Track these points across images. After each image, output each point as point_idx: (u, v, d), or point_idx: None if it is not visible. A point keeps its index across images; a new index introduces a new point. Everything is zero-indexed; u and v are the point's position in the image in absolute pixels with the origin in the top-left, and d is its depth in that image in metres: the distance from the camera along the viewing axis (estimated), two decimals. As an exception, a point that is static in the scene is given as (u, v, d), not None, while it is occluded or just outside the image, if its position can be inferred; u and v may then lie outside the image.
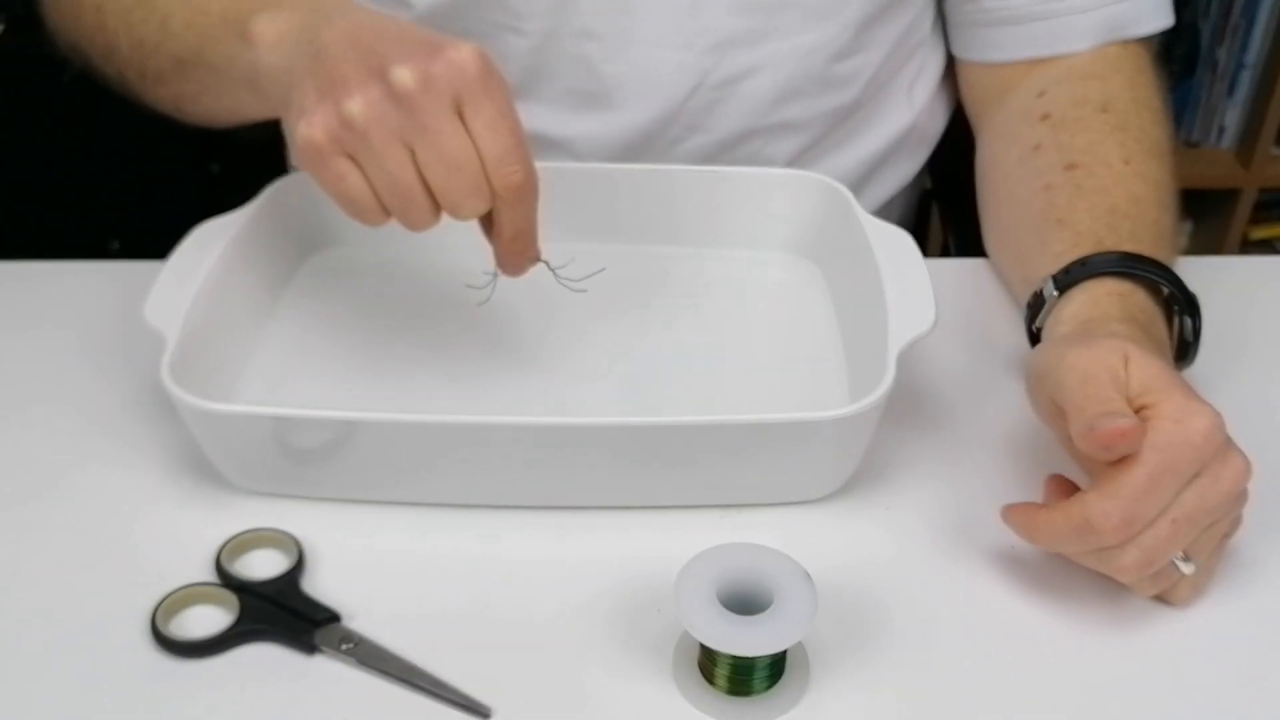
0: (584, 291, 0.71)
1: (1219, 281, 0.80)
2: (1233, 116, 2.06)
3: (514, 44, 0.84)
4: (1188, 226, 2.18)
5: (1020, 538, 0.60)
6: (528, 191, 0.61)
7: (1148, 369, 0.58)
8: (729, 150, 0.88)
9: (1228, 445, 0.57)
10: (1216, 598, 0.61)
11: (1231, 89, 2.03)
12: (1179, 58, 1.98)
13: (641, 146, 0.85)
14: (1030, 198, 0.76)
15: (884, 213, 0.97)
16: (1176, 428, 0.55)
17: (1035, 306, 0.69)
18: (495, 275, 0.68)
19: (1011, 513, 0.60)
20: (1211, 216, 2.14)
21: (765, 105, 0.86)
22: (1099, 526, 0.55)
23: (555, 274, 0.70)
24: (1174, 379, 0.58)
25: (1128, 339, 0.61)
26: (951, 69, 0.92)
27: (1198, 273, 0.71)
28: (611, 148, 0.86)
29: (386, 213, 0.61)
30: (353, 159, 0.60)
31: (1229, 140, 2.08)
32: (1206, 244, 2.16)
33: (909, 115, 0.92)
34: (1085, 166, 0.75)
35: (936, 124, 0.95)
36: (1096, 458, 0.56)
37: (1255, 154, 2.02)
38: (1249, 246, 2.16)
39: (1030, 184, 0.77)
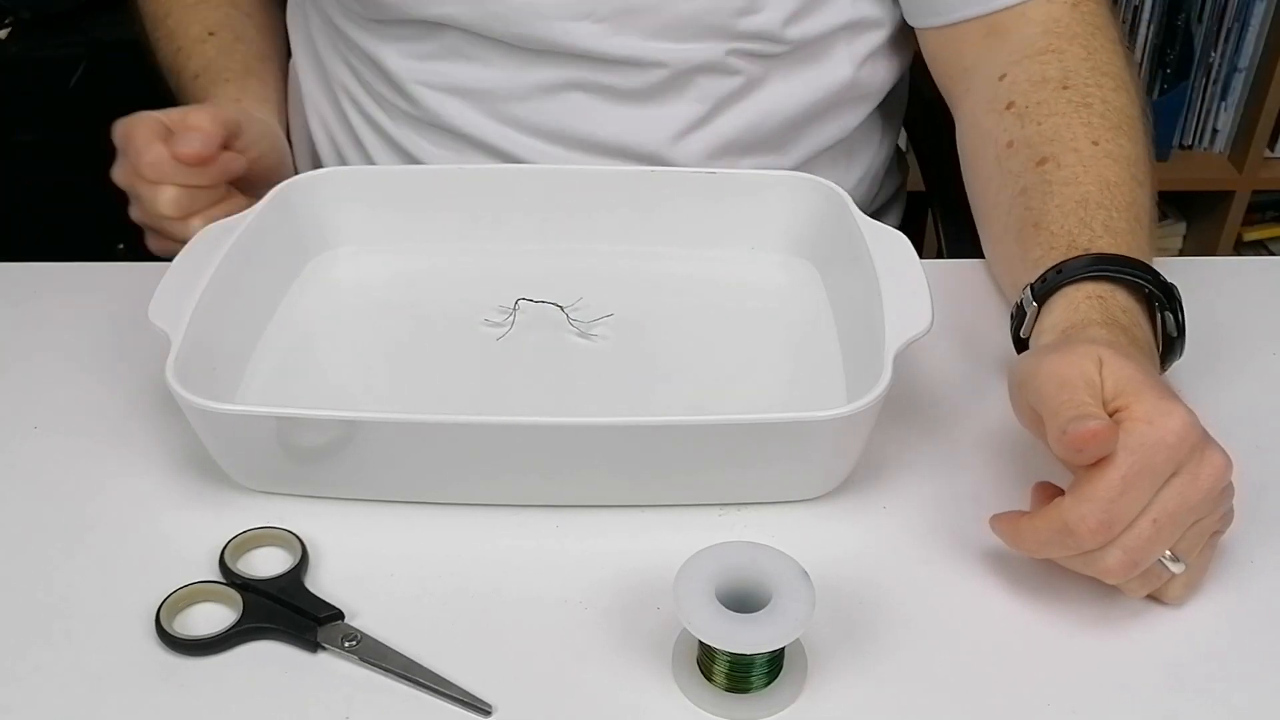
0: (595, 336, 0.74)
1: (1213, 282, 0.81)
2: (1226, 119, 2.07)
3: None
4: (1181, 228, 2.18)
5: (1008, 546, 0.61)
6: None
7: (1121, 372, 0.58)
8: (662, 88, 0.86)
9: (1205, 442, 0.57)
10: (1210, 595, 0.61)
11: (1225, 92, 2.04)
12: (1173, 61, 1.99)
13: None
14: (1010, 204, 0.76)
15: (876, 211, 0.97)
16: (1149, 428, 0.56)
17: (1018, 318, 0.69)
18: (513, 311, 0.74)
19: (997, 521, 0.61)
20: (1205, 218, 2.15)
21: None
22: (1076, 530, 0.56)
23: (568, 316, 0.75)
24: (1147, 380, 0.58)
25: (1105, 343, 0.61)
26: (902, 34, 0.91)
27: (1191, 273, 0.71)
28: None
29: None
30: None
31: (1222, 143, 2.08)
32: (1200, 245, 2.16)
33: (848, 68, 0.90)
34: (1054, 158, 0.74)
35: (878, 79, 0.93)
36: (1073, 461, 0.57)
37: (1248, 156, 2.02)
38: (1242, 248, 2.17)
39: (1009, 188, 0.76)
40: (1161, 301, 0.67)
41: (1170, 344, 0.69)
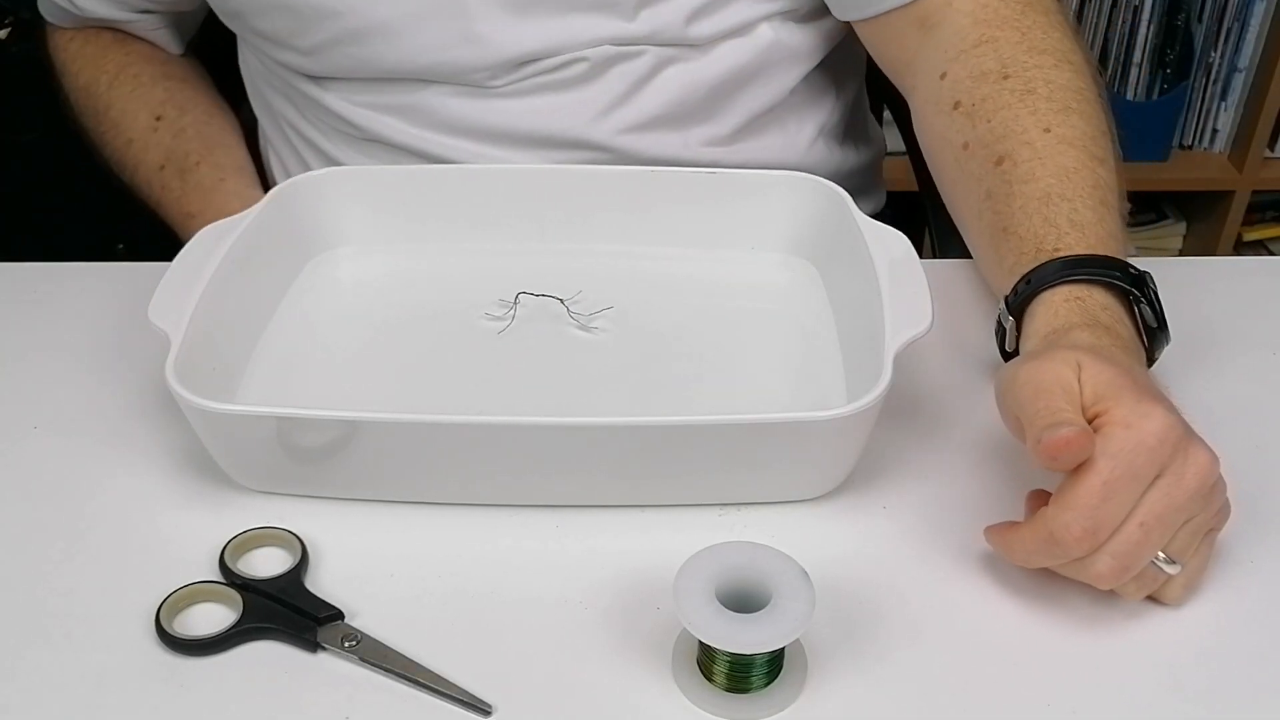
0: (595, 329, 0.75)
1: (1213, 282, 0.81)
2: (1226, 119, 2.07)
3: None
4: (1181, 228, 2.18)
5: (1002, 557, 0.61)
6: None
7: (1100, 376, 0.57)
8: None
9: (1188, 441, 0.56)
10: (1209, 595, 0.61)
11: (1225, 92, 2.04)
12: (1173, 61, 1.99)
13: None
14: (979, 209, 0.75)
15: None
16: (1127, 432, 0.55)
17: (1000, 333, 0.69)
18: (514, 305, 0.75)
19: (990, 533, 0.61)
20: (1205, 218, 2.15)
21: None
22: (1062, 539, 0.55)
23: (568, 309, 0.75)
24: (1127, 383, 0.57)
25: (1085, 348, 0.60)
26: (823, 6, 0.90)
27: (1191, 273, 0.71)
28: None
29: None
30: None
31: (1222, 143, 2.09)
32: (1200, 245, 2.16)
33: (769, 34, 0.89)
34: (1010, 156, 0.74)
35: (808, 43, 0.91)
36: (1052, 469, 0.56)
37: (1248, 156, 2.02)
38: (1242, 248, 2.17)
39: (975, 192, 0.76)
40: (1135, 295, 0.66)
41: (1153, 334, 0.67)
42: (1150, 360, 0.67)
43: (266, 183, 0.98)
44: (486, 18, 0.83)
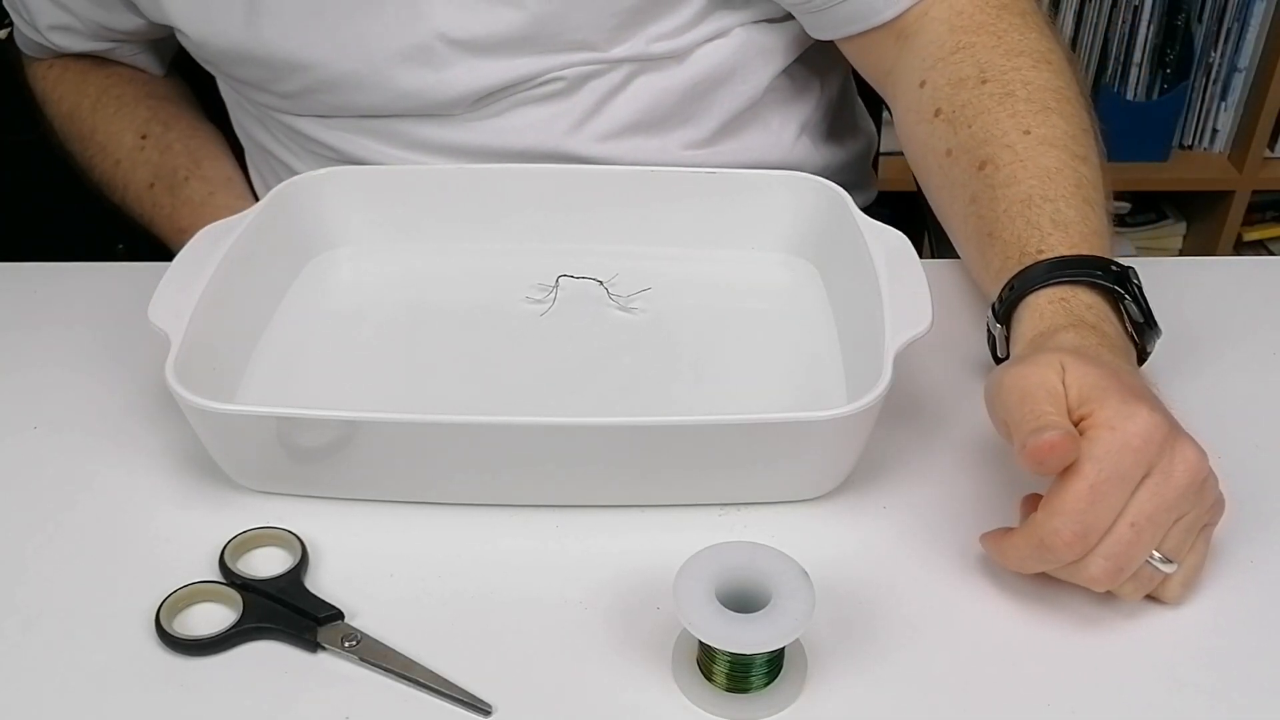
0: (634, 310, 0.76)
1: (1213, 282, 0.81)
2: (1226, 119, 2.07)
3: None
4: (1181, 228, 2.19)
5: (998, 564, 0.61)
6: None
7: (1085, 378, 0.57)
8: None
9: (1175, 438, 0.56)
10: (1209, 595, 0.61)
11: (1225, 92, 2.04)
12: (1173, 61, 1.99)
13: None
14: (965, 214, 0.75)
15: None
16: (1112, 435, 0.55)
17: (991, 341, 0.70)
18: (555, 288, 0.76)
19: (985, 539, 0.61)
20: (1205, 218, 2.15)
21: None
22: (1052, 544, 0.55)
23: (607, 290, 0.76)
24: (1111, 384, 0.57)
25: (1070, 349, 0.60)
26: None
27: (1191, 274, 0.71)
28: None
29: None
30: None
31: (1222, 143, 2.08)
32: (1200, 245, 2.16)
33: (740, 33, 0.89)
34: (992, 160, 0.74)
35: (782, 41, 0.91)
36: (1038, 474, 0.56)
37: (1248, 156, 2.02)
38: (1242, 248, 2.17)
39: (960, 197, 0.76)
40: (1119, 294, 0.66)
41: (1141, 330, 0.67)
42: (1143, 355, 0.67)
43: (255, 193, 0.99)
44: (456, 63, 0.83)
